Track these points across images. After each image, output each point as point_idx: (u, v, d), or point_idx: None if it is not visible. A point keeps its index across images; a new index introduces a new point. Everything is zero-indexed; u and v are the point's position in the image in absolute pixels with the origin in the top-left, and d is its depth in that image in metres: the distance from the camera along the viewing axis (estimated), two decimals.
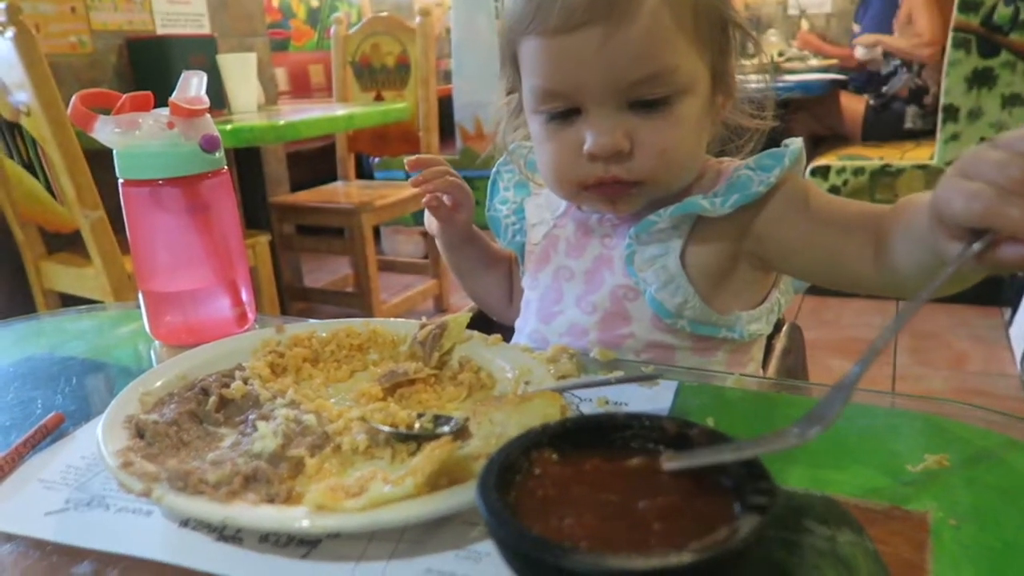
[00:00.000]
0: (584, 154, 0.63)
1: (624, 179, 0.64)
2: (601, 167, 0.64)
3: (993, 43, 2.47)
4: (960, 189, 0.42)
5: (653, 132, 0.62)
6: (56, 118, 1.60)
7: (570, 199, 0.71)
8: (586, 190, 0.66)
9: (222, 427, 0.54)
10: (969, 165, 0.43)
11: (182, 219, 0.72)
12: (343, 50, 2.86)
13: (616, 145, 0.62)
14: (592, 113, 0.63)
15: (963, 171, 0.43)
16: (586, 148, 0.63)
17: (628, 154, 0.63)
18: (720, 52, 0.66)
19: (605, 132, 0.62)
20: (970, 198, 0.42)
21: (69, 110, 0.67)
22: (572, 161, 0.65)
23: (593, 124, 0.63)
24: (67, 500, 0.48)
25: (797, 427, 0.39)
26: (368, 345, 0.66)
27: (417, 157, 0.79)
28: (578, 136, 0.64)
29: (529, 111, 0.68)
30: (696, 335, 0.70)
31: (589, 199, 0.68)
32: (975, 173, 0.42)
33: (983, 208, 0.41)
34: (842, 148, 2.98)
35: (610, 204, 0.67)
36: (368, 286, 2.49)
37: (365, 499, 0.40)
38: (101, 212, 1.70)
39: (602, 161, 0.63)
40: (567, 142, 0.65)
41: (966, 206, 0.42)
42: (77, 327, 0.84)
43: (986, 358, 2.25)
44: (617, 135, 0.62)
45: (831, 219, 0.64)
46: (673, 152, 0.63)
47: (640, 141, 0.62)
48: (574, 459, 0.40)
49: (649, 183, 0.65)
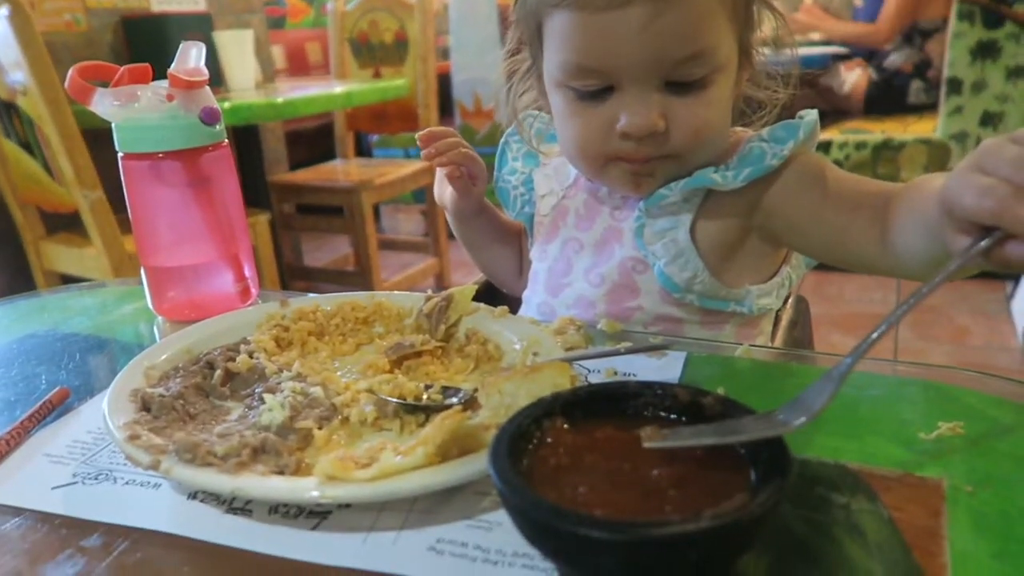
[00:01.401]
0: (617, 132, 0.62)
1: (657, 155, 0.63)
2: (632, 146, 0.63)
3: (998, 14, 2.44)
4: (973, 183, 0.41)
5: (688, 111, 0.61)
6: (53, 97, 1.59)
7: (592, 175, 0.70)
8: (614, 163, 0.65)
9: (228, 400, 0.54)
10: (985, 159, 0.41)
11: (183, 193, 0.71)
12: (340, 27, 2.83)
13: (652, 125, 0.61)
14: (627, 92, 0.61)
15: (978, 164, 0.41)
16: (620, 127, 0.62)
17: (663, 133, 0.62)
18: (745, 26, 0.65)
19: (641, 112, 0.61)
20: (982, 194, 0.40)
21: (66, 83, 0.66)
22: (601, 138, 0.64)
23: (629, 103, 0.61)
24: (74, 474, 0.48)
25: (782, 414, 0.38)
26: (373, 318, 0.65)
27: (429, 130, 0.77)
28: (610, 114, 0.62)
29: (553, 84, 0.66)
30: (705, 309, 0.69)
31: (612, 175, 0.67)
32: (991, 168, 0.41)
33: (994, 205, 0.40)
34: (844, 122, 2.96)
35: (633, 184, 0.67)
36: (368, 265, 2.49)
37: (376, 469, 0.40)
38: (100, 192, 1.69)
39: (635, 140, 0.62)
40: (598, 119, 0.63)
41: (977, 202, 0.41)
42: (80, 304, 0.83)
43: (988, 332, 2.24)
44: (653, 115, 0.61)
45: (840, 197, 0.63)
46: (707, 130, 0.63)
47: (675, 120, 0.61)
48: (586, 428, 0.40)
49: (680, 158, 0.64)
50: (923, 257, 0.54)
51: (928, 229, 0.49)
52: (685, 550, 0.31)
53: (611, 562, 0.32)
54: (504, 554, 0.39)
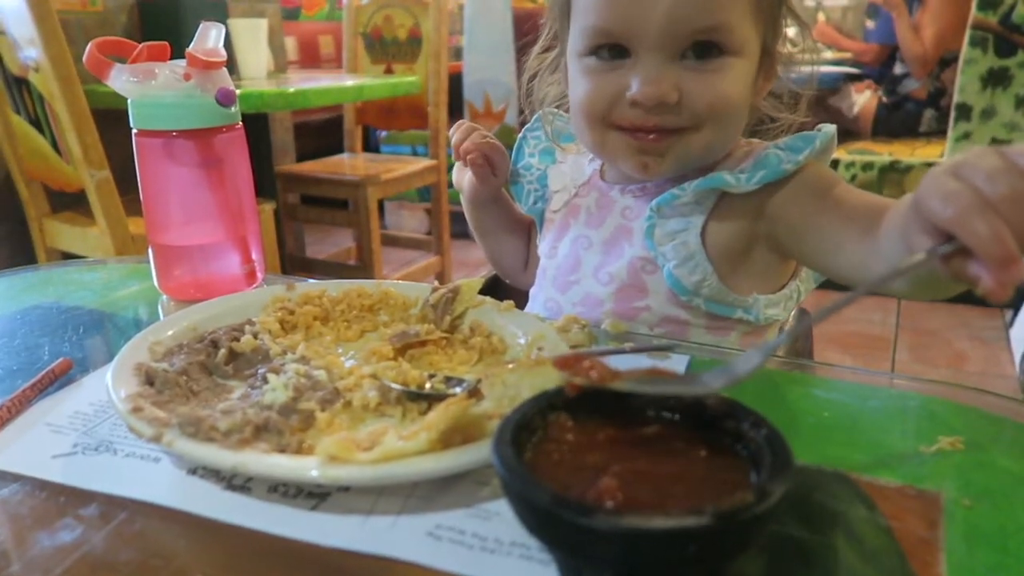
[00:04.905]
0: (627, 99, 0.63)
1: (667, 127, 0.63)
2: (640, 114, 0.63)
3: (1010, 42, 2.45)
4: (942, 186, 0.40)
5: (703, 84, 0.62)
6: (65, 75, 1.59)
7: (595, 143, 0.69)
8: (616, 132, 0.65)
9: (231, 379, 0.54)
10: (963, 164, 0.40)
11: (195, 172, 0.71)
12: (354, 21, 2.83)
13: (663, 95, 0.61)
14: (643, 59, 0.62)
15: (954, 168, 0.40)
16: (631, 94, 0.62)
17: (675, 105, 0.62)
18: (772, 29, 0.66)
19: (653, 81, 0.61)
20: (947, 198, 0.39)
21: (85, 57, 0.66)
22: (608, 100, 0.64)
23: (642, 71, 0.62)
24: (75, 444, 0.48)
25: (707, 376, 0.40)
26: (379, 306, 0.65)
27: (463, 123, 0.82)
28: (623, 80, 0.63)
29: (573, 55, 0.67)
30: (711, 314, 0.69)
31: (616, 146, 0.67)
32: (965, 174, 0.39)
33: (955, 213, 0.38)
34: (852, 142, 2.96)
35: (638, 163, 0.66)
36: (371, 260, 2.48)
37: (378, 452, 0.40)
38: (107, 171, 1.69)
39: (644, 109, 0.62)
40: (609, 83, 0.64)
41: (941, 205, 0.39)
42: (84, 278, 0.83)
43: (986, 358, 2.25)
44: (665, 85, 0.61)
45: (840, 207, 0.62)
46: (722, 105, 0.63)
47: (690, 93, 0.62)
48: (590, 424, 0.40)
49: (693, 133, 0.64)
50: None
51: (902, 232, 0.47)
52: (685, 544, 0.31)
53: (611, 553, 0.32)
54: (502, 543, 0.39)
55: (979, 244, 0.38)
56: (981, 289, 0.39)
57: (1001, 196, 0.38)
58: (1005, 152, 0.39)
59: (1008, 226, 0.37)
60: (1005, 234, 0.37)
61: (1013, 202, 0.37)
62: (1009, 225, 0.37)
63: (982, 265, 0.38)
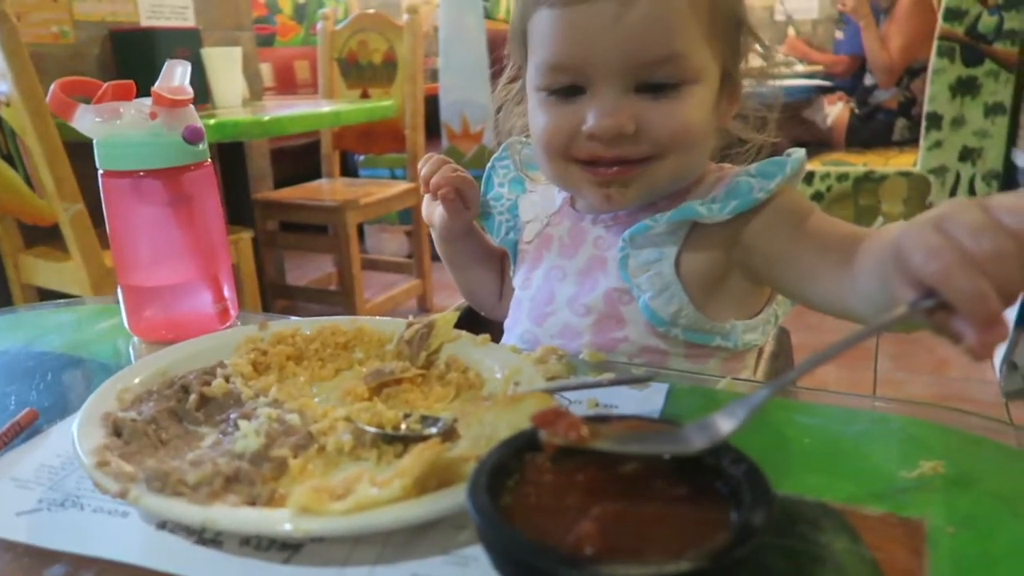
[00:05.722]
0: (583, 133, 0.63)
1: (630, 157, 0.63)
2: (599, 147, 0.63)
3: (977, 52, 2.50)
4: (925, 241, 0.39)
5: (662, 114, 0.62)
6: (36, 109, 1.57)
7: (557, 176, 0.69)
8: (578, 166, 0.66)
9: (202, 426, 0.53)
10: (946, 217, 0.39)
11: (164, 212, 0.70)
12: (330, 46, 2.84)
13: (620, 127, 0.61)
14: (598, 92, 0.62)
15: (938, 222, 0.39)
16: (587, 127, 0.62)
17: (632, 137, 0.62)
18: (731, 52, 0.66)
19: (609, 113, 0.61)
20: (930, 253, 0.38)
21: (48, 98, 0.66)
22: (567, 134, 0.64)
23: (598, 104, 0.62)
24: (40, 500, 0.46)
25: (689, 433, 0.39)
26: (354, 343, 0.65)
27: (430, 155, 0.80)
28: (580, 113, 0.63)
29: (532, 88, 0.67)
30: (690, 342, 0.69)
31: (577, 180, 0.67)
32: (948, 228, 0.38)
33: (938, 269, 0.38)
34: (826, 153, 2.99)
35: (603, 195, 0.66)
36: (352, 284, 2.47)
37: (351, 501, 0.39)
38: (81, 205, 1.67)
39: (602, 142, 0.62)
40: (567, 117, 0.64)
41: (924, 260, 0.38)
42: (55, 321, 0.82)
43: (967, 364, 2.26)
44: (621, 117, 0.61)
45: (814, 237, 0.62)
46: (684, 133, 0.63)
47: (648, 123, 0.62)
48: (568, 463, 0.39)
49: (656, 163, 0.64)
50: (879, 303, 0.51)
51: (883, 276, 0.46)
52: None
53: None
54: None
55: (962, 302, 0.37)
56: (964, 347, 0.38)
57: (985, 254, 0.37)
58: (988, 207, 0.38)
59: (991, 284, 0.37)
60: (989, 293, 0.37)
61: (997, 260, 0.37)
62: (992, 283, 0.37)
63: (965, 323, 0.38)
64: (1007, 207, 0.38)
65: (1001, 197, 0.39)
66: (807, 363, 0.41)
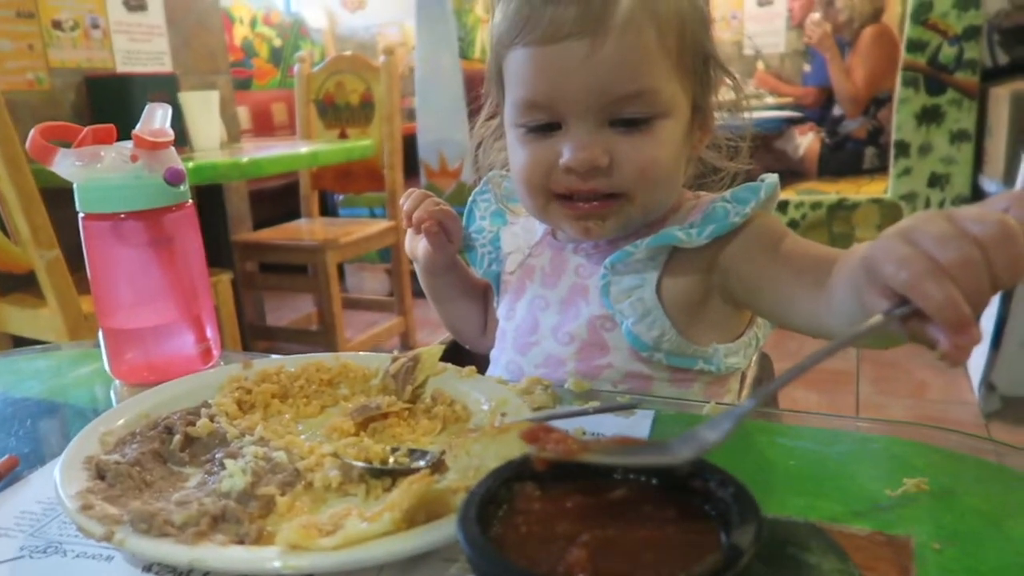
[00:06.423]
0: (560, 166, 0.64)
1: (604, 191, 0.65)
2: (576, 180, 0.64)
3: (940, 81, 2.57)
4: (894, 250, 0.40)
5: (633, 149, 0.63)
6: (11, 155, 1.57)
7: (539, 211, 0.71)
8: (557, 201, 0.67)
9: (187, 466, 0.52)
10: (914, 229, 0.40)
11: (146, 253, 0.70)
12: (307, 88, 2.86)
13: (594, 159, 0.63)
14: (572, 128, 0.64)
15: (905, 233, 0.41)
16: (563, 161, 0.64)
17: (606, 170, 0.64)
18: (701, 86, 0.68)
19: (583, 147, 0.63)
20: (900, 264, 0.39)
21: (27, 143, 0.66)
22: (544, 169, 0.66)
23: (573, 138, 0.64)
24: (22, 547, 0.45)
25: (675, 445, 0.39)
26: (339, 379, 0.64)
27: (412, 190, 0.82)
28: (556, 148, 0.65)
29: (509, 125, 0.69)
30: (673, 367, 0.69)
31: (557, 215, 0.69)
32: (916, 239, 0.40)
33: (908, 278, 0.39)
34: (799, 183, 3.05)
35: (583, 228, 0.68)
36: (333, 324, 2.46)
37: (341, 536, 0.39)
38: (57, 251, 1.66)
39: (578, 175, 0.64)
40: (543, 153, 0.66)
41: (894, 269, 0.40)
42: (33, 367, 0.81)
43: (946, 386, 2.29)
44: (596, 150, 0.63)
45: (790, 259, 0.63)
46: (655, 168, 0.64)
47: (621, 157, 0.63)
48: (557, 491, 0.39)
49: (628, 197, 0.65)
50: (854, 319, 0.51)
51: (856, 290, 0.47)
52: None
53: None
54: None
55: (933, 308, 0.38)
56: (939, 352, 0.39)
57: (951, 261, 0.38)
58: (954, 217, 0.40)
59: (960, 290, 0.38)
60: (958, 298, 0.38)
61: (964, 267, 0.38)
62: (961, 290, 0.38)
63: (939, 328, 0.39)
64: (972, 217, 0.39)
65: (966, 208, 0.41)
66: (788, 373, 0.42)
